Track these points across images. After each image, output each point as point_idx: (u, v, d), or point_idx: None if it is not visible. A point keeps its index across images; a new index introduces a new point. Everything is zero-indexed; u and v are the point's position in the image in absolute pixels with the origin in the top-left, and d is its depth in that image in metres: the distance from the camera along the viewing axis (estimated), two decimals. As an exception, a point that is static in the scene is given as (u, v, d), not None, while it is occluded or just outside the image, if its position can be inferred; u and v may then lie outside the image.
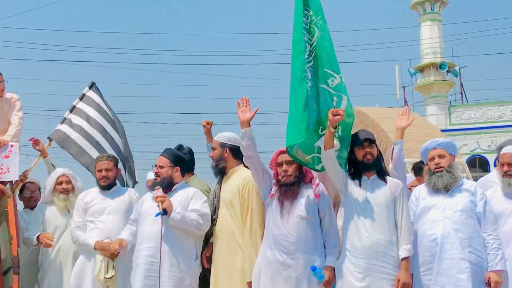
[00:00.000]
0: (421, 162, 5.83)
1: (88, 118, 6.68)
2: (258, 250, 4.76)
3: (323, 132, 4.56)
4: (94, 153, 6.40)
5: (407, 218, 4.60)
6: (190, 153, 5.58)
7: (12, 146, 5.63)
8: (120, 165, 5.96)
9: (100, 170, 5.55)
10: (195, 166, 5.76)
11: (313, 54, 4.69)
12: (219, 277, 4.90)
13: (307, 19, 4.71)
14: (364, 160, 4.65)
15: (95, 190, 5.61)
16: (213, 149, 5.17)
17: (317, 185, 4.73)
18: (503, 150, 5.10)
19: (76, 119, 6.66)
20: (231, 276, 4.86)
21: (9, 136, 5.72)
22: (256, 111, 4.72)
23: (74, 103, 6.79)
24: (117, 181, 5.71)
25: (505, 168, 5.00)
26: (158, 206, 4.82)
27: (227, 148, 5.11)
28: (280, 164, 4.71)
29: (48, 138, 6.48)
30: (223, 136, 5.17)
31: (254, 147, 4.73)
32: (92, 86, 6.94)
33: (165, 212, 4.79)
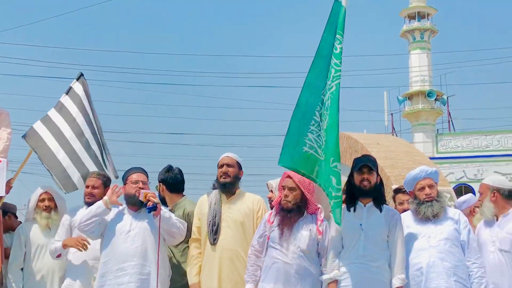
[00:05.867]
0: (397, 189, 5.83)
1: (69, 118, 6.06)
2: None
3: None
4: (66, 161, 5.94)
5: (402, 248, 4.58)
6: (180, 173, 5.54)
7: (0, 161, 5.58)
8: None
9: (87, 186, 5.48)
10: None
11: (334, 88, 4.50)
12: None
13: (339, 44, 4.52)
14: (360, 186, 4.61)
15: (84, 210, 5.38)
16: (228, 165, 5.09)
17: (322, 221, 4.68)
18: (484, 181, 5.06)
19: (56, 116, 6.09)
20: None
21: (-3, 152, 5.66)
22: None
23: (60, 99, 6.19)
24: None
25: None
26: (148, 202, 4.81)
27: (241, 171, 5.14)
28: (282, 188, 4.69)
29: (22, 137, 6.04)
30: (237, 156, 5.15)
31: None
32: (80, 77, 6.21)
33: (155, 208, 4.80)
